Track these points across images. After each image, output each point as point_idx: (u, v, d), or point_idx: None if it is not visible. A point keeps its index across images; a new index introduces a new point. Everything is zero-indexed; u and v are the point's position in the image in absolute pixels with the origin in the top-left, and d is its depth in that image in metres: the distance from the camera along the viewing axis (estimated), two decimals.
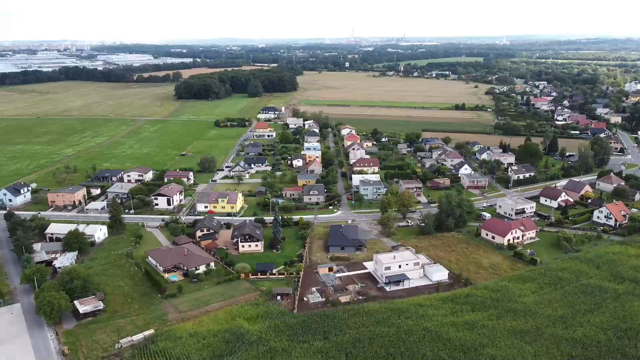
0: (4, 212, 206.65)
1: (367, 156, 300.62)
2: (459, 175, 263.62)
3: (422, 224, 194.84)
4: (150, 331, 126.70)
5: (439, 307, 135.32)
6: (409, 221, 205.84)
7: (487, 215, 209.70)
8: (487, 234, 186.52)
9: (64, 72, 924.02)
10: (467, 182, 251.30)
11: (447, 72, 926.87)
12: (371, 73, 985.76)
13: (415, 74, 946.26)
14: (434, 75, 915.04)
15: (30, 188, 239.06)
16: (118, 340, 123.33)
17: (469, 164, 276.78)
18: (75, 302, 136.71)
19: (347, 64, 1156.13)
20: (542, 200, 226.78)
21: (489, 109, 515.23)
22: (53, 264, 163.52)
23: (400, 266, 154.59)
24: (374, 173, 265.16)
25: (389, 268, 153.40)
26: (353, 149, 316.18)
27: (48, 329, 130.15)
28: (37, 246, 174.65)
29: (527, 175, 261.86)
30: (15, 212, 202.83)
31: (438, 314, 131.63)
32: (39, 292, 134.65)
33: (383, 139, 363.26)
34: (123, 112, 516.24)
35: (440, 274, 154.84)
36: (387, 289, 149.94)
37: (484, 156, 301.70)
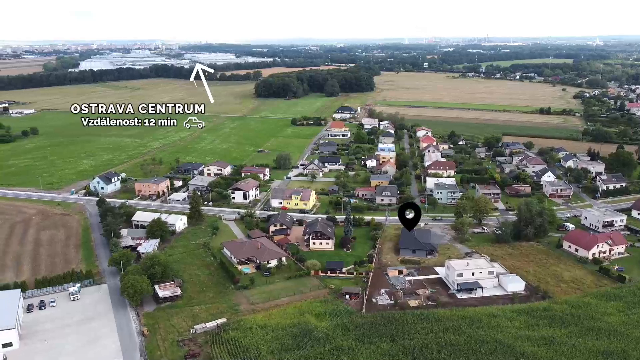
0: (97, 198, 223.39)
1: (443, 159, 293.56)
2: (541, 183, 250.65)
3: (499, 232, 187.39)
4: (223, 320, 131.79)
5: (514, 319, 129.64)
6: (485, 228, 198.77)
7: (571, 226, 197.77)
8: (569, 246, 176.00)
9: (154, 69, 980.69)
10: (550, 190, 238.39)
11: (532, 74, 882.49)
12: (451, 74, 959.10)
13: (498, 75, 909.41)
14: (517, 77, 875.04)
15: (120, 177, 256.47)
16: (193, 326, 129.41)
17: (553, 171, 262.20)
18: (156, 286, 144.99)
19: (425, 65, 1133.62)
20: (634, 213, 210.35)
21: (577, 114, 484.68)
22: (137, 249, 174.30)
23: (473, 274, 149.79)
24: (449, 177, 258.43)
25: (461, 275, 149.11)
26: (429, 151, 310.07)
27: (130, 310, 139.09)
28: (124, 232, 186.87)
29: (617, 185, 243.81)
30: (106, 199, 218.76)
31: (512, 326, 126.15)
32: (124, 275, 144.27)
33: (460, 142, 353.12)
34: (206, 109, 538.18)
35: (516, 284, 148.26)
36: (459, 296, 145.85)
37: (570, 163, 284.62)
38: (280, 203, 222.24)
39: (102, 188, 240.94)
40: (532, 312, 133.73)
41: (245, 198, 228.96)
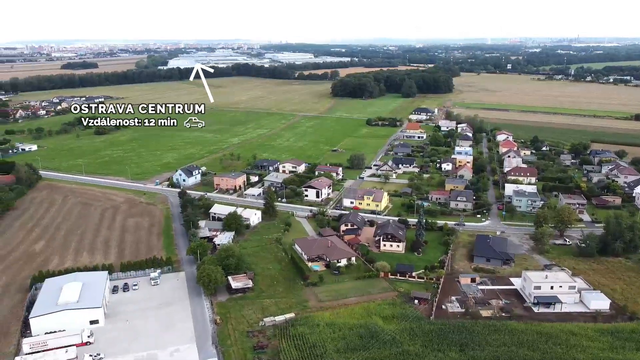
0: (179, 190, 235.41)
1: (524, 165, 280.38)
2: (634, 195, 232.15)
3: (583, 245, 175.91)
4: (291, 315, 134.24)
5: (596, 339, 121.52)
6: (567, 240, 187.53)
7: None
8: None
9: (235, 68, 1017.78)
10: None
11: (629, 77, 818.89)
12: (536, 76, 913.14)
13: (589, 78, 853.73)
14: (611, 80, 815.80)
15: (200, 171, 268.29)
16: (262, 319, 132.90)
17: None
18: (229, 277, 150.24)
19: (509, 66, 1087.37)
20: None
21: None
22: (213, 240, 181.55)
23: (552, 287, 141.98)
24: (530, 184, 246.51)
25: (538, 288, 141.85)
26: (509, 156, 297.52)
27: (205, 298, 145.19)
28: (202, 223, 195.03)
29: None
30: (187, 191, 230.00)
31: (594, 346, 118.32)
32: (200, 265, 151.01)
33: (544, 148, 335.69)
34: (283, 107, 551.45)
35: (600, 302, 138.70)
36: (535, 309, 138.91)
37: None
38: (352, 203, 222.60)
39: (184, 180, 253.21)
40: (618, 333, 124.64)
41: (318, 196, 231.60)
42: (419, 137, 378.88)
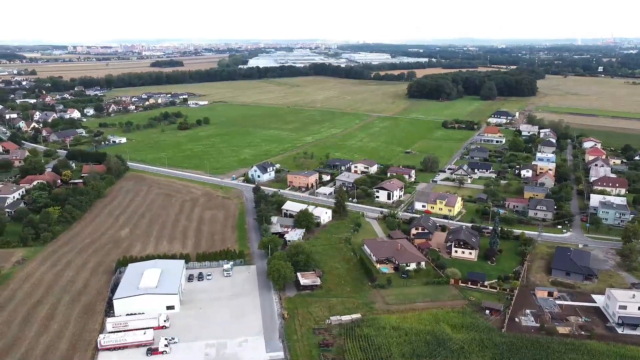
0: (253, 185, 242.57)
1: (613, 175, 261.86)
2: None
3: None
4: (358, 315, 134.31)
5: None
6: None
7: None
8: None
9: (312, 68, 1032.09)
10: None
11: None
12: (631, 80, 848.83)
13: None
14: None
15: (274, 168, 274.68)
16: (329, 317, 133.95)
17: None
18: (298, 274, 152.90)
19: (600, 69, 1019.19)
20: None
21: None
22: (284, 236, 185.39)
23: (639, 308, 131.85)
24: (618, 195, 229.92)
25: (624, 307, 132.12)
26: (596, 165, 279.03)
27: (274, 293, 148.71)
28: (274, 219, 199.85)
29: None
30: (261, 187, 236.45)
31: None
32: (271, 259, 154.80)
33: (636, 157, 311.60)
34: (357, 107, 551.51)
35: None
36: (619, 330, 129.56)
37: None
38: (424, 206, 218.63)
39: (259, 176, 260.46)
40: None
41: (389, 198, 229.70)
42: (497, 142, 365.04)
